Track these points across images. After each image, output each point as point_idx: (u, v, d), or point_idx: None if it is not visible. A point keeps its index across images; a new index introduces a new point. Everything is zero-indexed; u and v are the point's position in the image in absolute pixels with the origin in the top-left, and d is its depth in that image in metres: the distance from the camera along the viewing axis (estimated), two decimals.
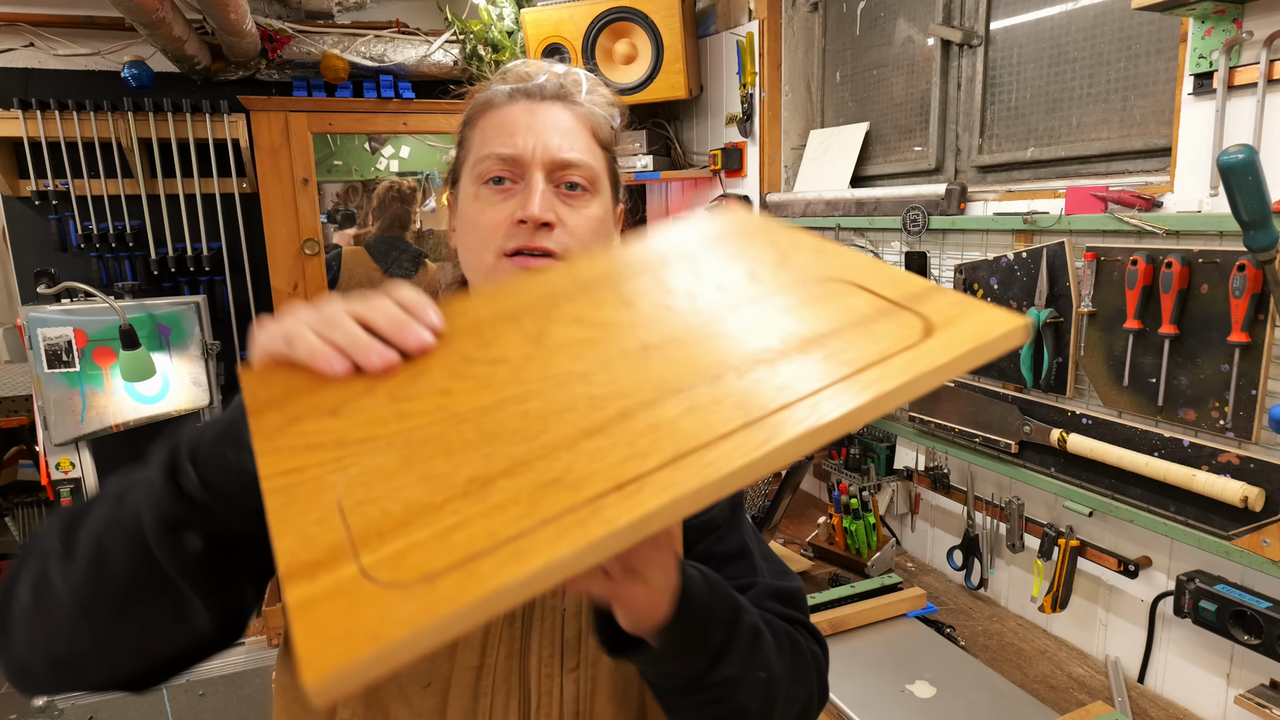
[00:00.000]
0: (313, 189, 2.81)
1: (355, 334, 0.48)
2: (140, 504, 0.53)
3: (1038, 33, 1.75)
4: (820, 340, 0.44)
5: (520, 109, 0.78)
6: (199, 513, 0.52)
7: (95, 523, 0.55)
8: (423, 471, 0.39)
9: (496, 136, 0.77)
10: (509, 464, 0.38)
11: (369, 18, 3.02)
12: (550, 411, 0.41)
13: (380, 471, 0.39)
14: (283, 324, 0.50)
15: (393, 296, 0.51)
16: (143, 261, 2.77)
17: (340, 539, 0.36)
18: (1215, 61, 1.26)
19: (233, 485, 0.52)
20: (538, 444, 0.39)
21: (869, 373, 0.41)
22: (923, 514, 2.06)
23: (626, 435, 0.39)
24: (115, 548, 0.53)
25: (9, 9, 2.59)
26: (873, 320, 0.45)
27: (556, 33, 2.66)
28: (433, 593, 0.32)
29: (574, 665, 0.73)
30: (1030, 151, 1.78)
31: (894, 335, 0.43)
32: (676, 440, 0.38)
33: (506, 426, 0.41)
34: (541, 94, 0.79)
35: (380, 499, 0.37)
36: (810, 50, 2.48)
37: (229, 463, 0.52)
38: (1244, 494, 1.23)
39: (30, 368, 2.26)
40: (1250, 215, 1.11)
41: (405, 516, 0.36)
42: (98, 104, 2.58)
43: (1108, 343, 1.46)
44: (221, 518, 0.52)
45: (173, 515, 0.52)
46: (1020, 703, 1.42)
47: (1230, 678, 1.37)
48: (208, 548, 0.53)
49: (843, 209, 2.17)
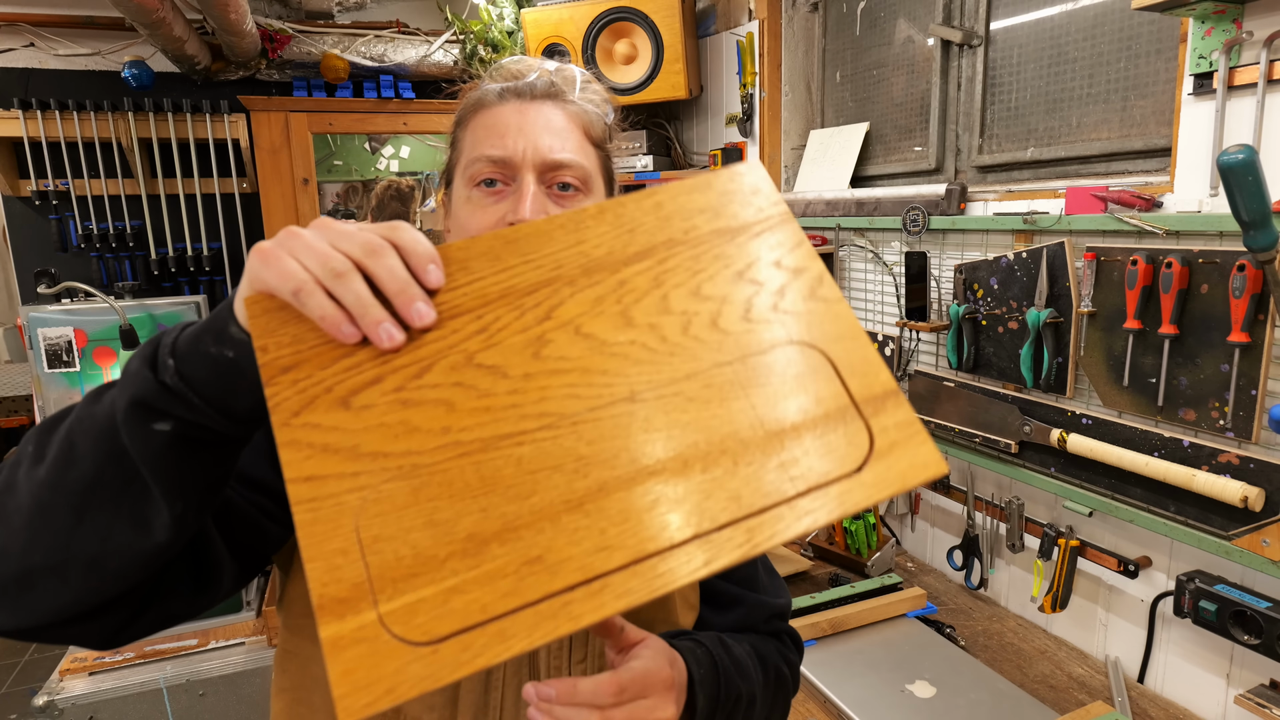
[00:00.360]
0: (313, 189, 2.81)
1: (365, 299, 0.48)
2: (115, 396, 0.53)
3: (1038, 33, 1.75)
4: (781, 439, 0.48)
5: (511, 109, 0.77)
6: (173, 400, 0.51)
7: (69, 423, 0.55)
8: (429, 514, 0.46)
9: (487, 138, 0.77)
10: (501, 525, 0.46)
11: (369, 18, 3.02)
12: (540, 466, 0.47)
13: (392, 503, 0.46)
14: (285, 262, 0.48)
15: (398, 242, 0.50)
16: (143, 261, 2.77)
17: (361, 577, 0.44)
18: (1215, 61, 1.26)
19: (209, 376, 0.51)
20: (527, 507, 0.46)
21: (806, 500, 0.47)
22: (923, 514, 2.06)
23: (601, 519, 0.46)
24: (83, 443, 0.53)
25: (9, 9, 2.59)
26: (830, 426, 0.49)
27: (556, 33, 2.66)
28: (435, 657, 0.42)
29: (581, 658, 0.75)
30: (1030, 151, 1.78)
31: (840, 454, 0.48)
32: (639, 539, 0.45)
33: (502, 475, 0.47)
34: (532, 93, 0.78)
35: (393, 539, 0.45)
36: (810, 50, 2.48)
37: (208, 354, 0.51)
38: (1244, 494, 1.23)
39: (30, 368, 2.27)
40: (1250, 215, 1.11)
41: (414, 566, 0.44)
42: (98, 104, 2.59)
43: (1108, 343, 1.46)
44: (196, 410, 0.52)
45: (146, 400, 0.51)
46: (1020, 703, 1.43)
47: (1230, 678, 1.37)
48: (176, 441, 0.52)
49: (843, 209, 2.17)
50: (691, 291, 0.52)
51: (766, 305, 0.52)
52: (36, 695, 2.10)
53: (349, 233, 0.50)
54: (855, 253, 2.11)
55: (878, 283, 2.04)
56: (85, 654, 2.30)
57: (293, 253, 0.49)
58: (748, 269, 0.53)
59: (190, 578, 0.62)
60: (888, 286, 2.00)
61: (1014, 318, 1.63)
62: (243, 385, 0.51)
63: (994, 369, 1.70)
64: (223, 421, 0.52)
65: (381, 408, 0.48)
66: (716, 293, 0.52)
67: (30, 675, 3.30)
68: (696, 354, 0.50)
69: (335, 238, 0.49)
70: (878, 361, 0.51)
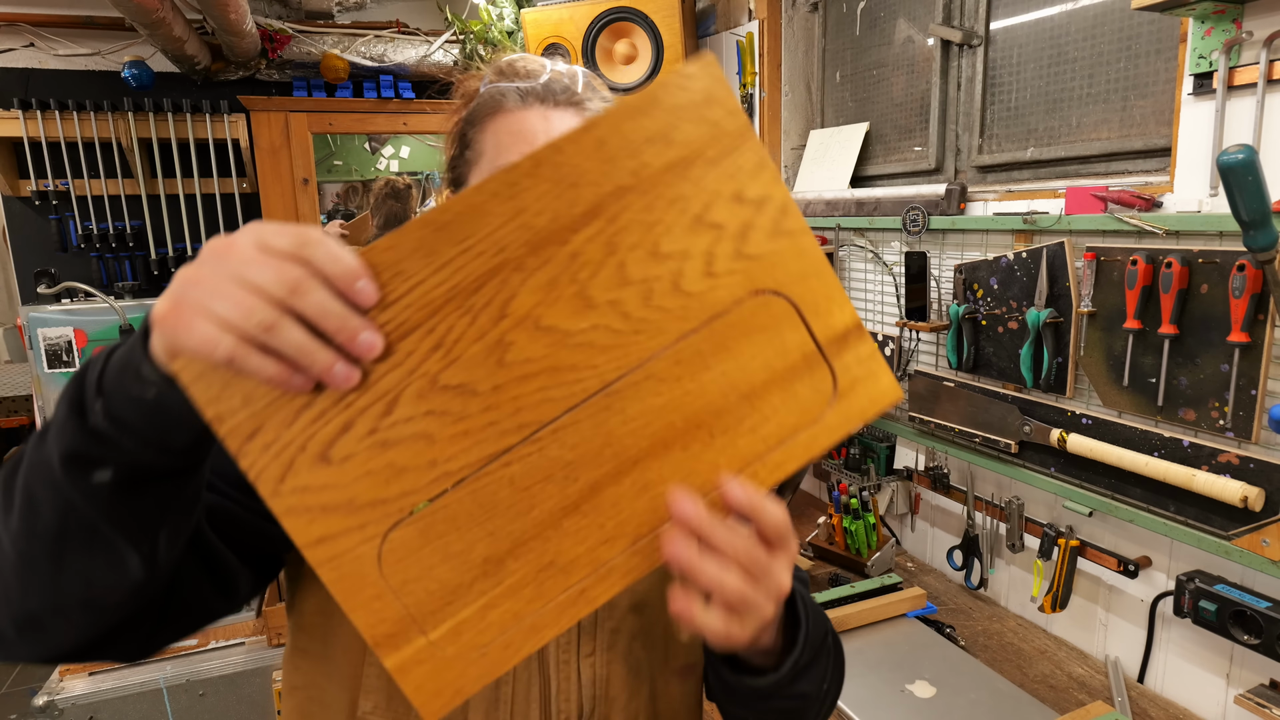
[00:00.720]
0: (313, 189, 2.81)
1: (305, 345, 0.44)
2: (51, 446, 0.50)
3: (1038, 33, 1.75)
4: (751, 401, 0.51)
5: (535, 116, 0.77)
6: (106, 447, 0.48)
7: (24, 470, 0.52)
8: (443, 550, 0.49)
9: (515, 145, 0.75)
10: (511, 544, 0.50)
11: (369, 18, 3.02)
12: (532, 481, 0.50)
13: (406, 548, 0.49)
14: (200, 327, 0.43)
15: (315, 263, 0.44)
16: (143, 261, 2.77)
17: (402, 613, 0.49)
18: (1215, 61, 1.26)
19: (137, 418, 0.48)
20: (529, 521, 0.50)
21: (776, 454, 0.52)
22: (923, 514, 2.06)
23: (598, 516, 0.50)
24: (39, 492, 0.51)
25: (9, 9, 2.59)
26: (795, 377, 0.51)
27: (556, 33, 2.66)
28: (485, 658, 0.50)
29: (590, 651, 0.76)
30: (1030, 151, 1.78)
31: (805, 402, 0.52)
32: (635, 525, 0.51)
33: (499, 499, 0.49)
34: (555, 99, 0.78)
35: (419, 579, 0.49)
36: (810, 50, 2.48)
37: (131, 395, 0.48)
38: (1244, 494, 1.23)
39: (30, 368, 2.27)
40: (1250, 215, 1.11)
41: (446, 596, 0.49)
42: (98, 104, 2.59)
43: (1108, 343, 1.46)
44: (131, 453, 0.49)
45: (78, 452, 0.49)
46: (1020, 703, 1.43)
47: (1230, 678, 1.37)
48: (121, 487, 0.50)
49: (843, 209, 2.17)
50: (649, 252, 0.49)
51: (728, 254, 0.50)
52: (36, 695, 2.11)
53: (258, 263, 0.44)
54: (855, 253, 2.11)
55: (877, 283, 2.04)
56: None
57: (205, 310, 0.43)
58: (706, 211, 0.49)
59: (208, 584, 0.63)
60: (887, 286, 2.00)
61: (1014, 318, 1.63)
62: (173, 422, 0.48)
63: (994, 369, 1.70)
64: (164, 458, 0.50)
65: (362, 456, 0.47)
66: (675, 248, 0.49)
67: (30, 675, 3.30)
68: (662, 327, 0.50)
69: (243, 273, 0.43)
70: (840, 295, 0.51)
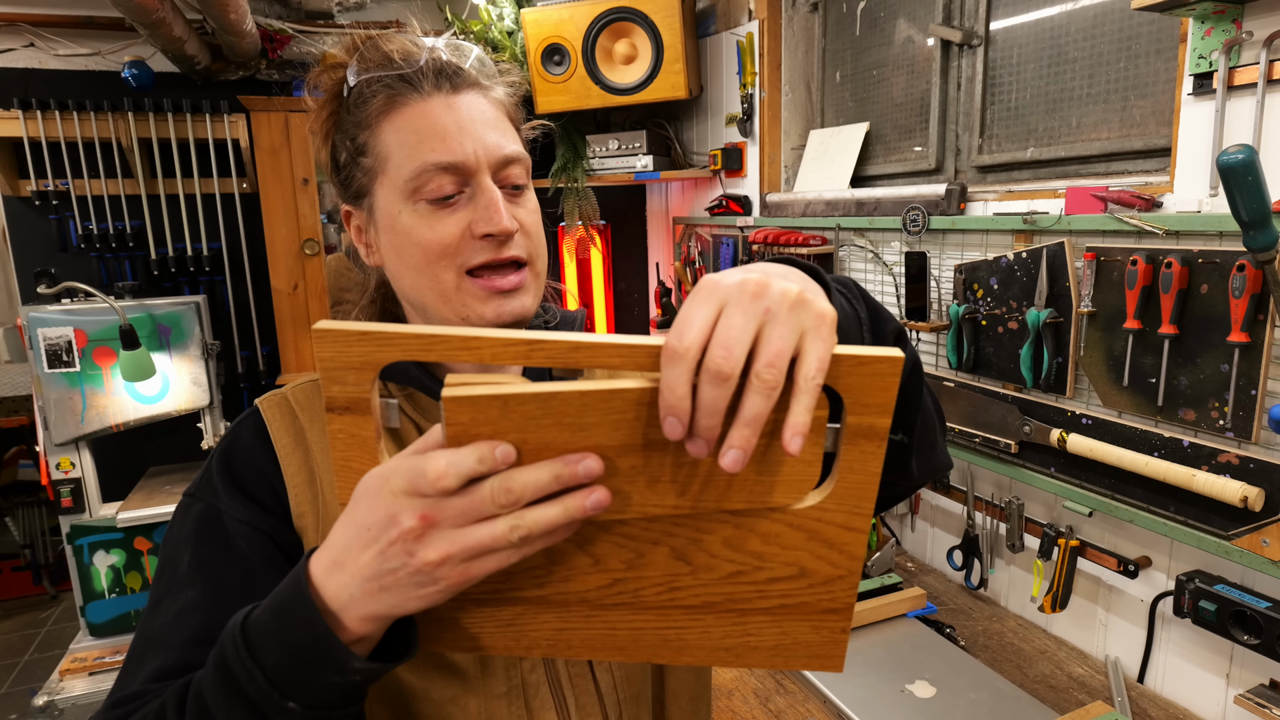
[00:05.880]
0: (313, 189, 2.81)
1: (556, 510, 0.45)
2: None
3: (1037, 33, 1.75)
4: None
5: (438, 105, 0.67)
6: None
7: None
8: None
9: (425, 141, 0.66)
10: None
11: (369, 18, 3.02)
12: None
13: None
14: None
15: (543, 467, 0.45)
16: (143, 261, 2.77)
17: None
18: (1215, 62, 1.26)
19: (342, 698, 0.50)
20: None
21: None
22: (923, 514, 2.06)
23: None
24: None
25: (9, 9, 2.59)
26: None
27: (556, 33, 2.66)
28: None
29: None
30: (1030, 151, 1.78)
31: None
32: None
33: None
34: (451, 82, 0.69)
35: None
36: (810, 50, 2.48)
37: (332, 683, 0.49)
38: (1244, 494, 1.23)
39: (30, 368, 2.27)
40: (1250, 215, 1.11)
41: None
42: (98, 104, 2.58)
43: (1108, 343, 1.46)
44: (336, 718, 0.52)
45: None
46: (1020, 703, 1.43)
47: (1230, 678, 1.37)
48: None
49: (843, 209, 2.17)
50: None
51: None
52: (36, 695, 2.11)
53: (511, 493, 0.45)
54: (855, 253, 2.11)
55: (878, 283, 2.04)
56: (85, 654, 2.30)
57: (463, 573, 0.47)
58: None
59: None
60: (888, 286, 2.00)
61: (1014, 318, 1.63)
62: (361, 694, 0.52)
63: (994, 369, 1.70)
64: (357, 705, 0.53)
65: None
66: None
67: (30, 675, 3.30)
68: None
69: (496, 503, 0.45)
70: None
